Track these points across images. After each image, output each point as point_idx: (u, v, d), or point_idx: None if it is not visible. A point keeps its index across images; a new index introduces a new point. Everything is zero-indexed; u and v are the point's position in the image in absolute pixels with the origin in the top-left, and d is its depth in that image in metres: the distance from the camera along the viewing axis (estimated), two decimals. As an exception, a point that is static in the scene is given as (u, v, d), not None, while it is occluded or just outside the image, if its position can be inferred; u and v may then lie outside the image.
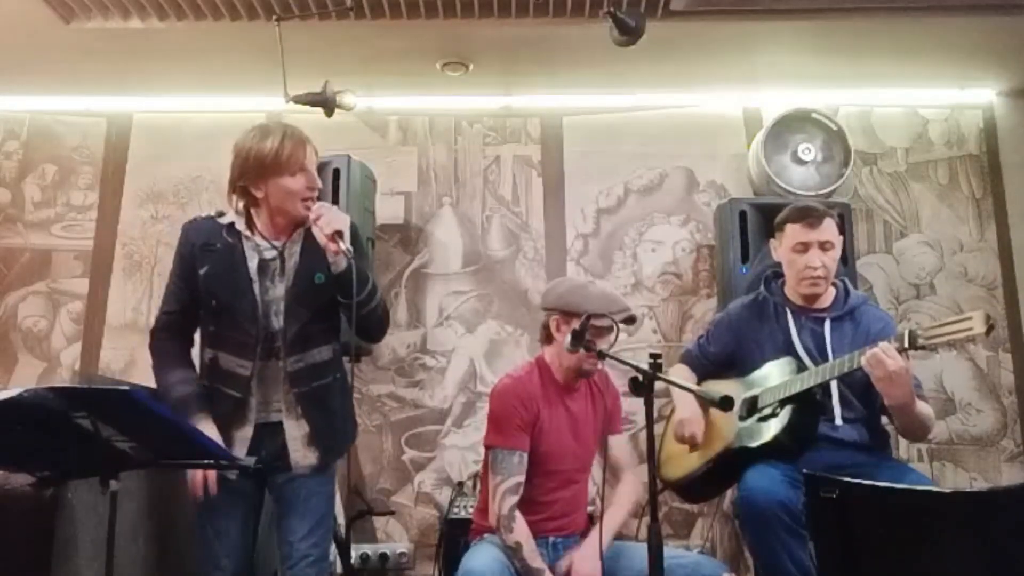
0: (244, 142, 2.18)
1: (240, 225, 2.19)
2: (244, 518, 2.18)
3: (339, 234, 2.05)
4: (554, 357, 2.46)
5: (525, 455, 2.34)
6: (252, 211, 2.21)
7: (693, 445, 2.57)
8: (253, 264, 2.17)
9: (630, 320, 2.38)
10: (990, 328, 2.07)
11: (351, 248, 2.07)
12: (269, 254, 2.19)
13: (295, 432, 2.15)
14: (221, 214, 2.24)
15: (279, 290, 2.18)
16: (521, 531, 2.27)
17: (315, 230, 2.08)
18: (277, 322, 2.17)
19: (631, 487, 2.50)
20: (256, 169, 2.14)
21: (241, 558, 2.16)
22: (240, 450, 2.14)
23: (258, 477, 2.19)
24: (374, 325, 2.23)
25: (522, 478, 2.32)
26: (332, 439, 2.21)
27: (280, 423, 2.17)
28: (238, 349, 2.16)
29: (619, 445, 2.57)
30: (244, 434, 2.15)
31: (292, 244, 2.20)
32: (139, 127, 4.04)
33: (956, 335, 2.13)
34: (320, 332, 2.22)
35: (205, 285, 2.17)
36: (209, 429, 2.08)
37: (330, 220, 2.07)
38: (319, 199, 2.19)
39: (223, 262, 2.17)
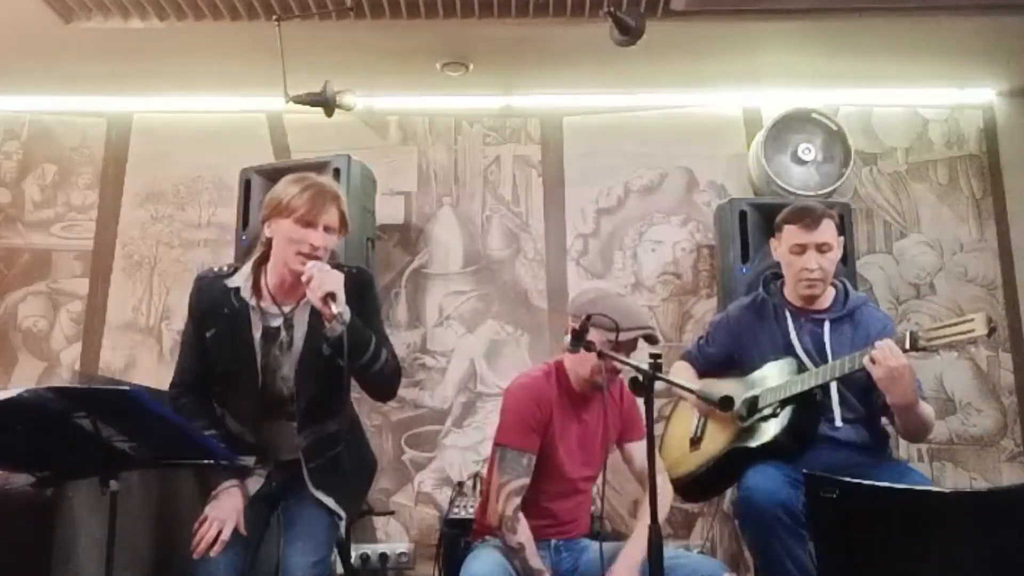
0: (279, 184, 2.18)
1: (245, 292, 2.14)
2: (244, 547, 2.13)
3: (331, 296, 1.95)
4: (572, 365, 2.43)
5: (533, 457, 2.32)
6: (265, 265, 2.17)
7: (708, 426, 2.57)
8: (257, 333, 2.14)
9: (651, 339, 2.34)
10: (992, 330, 2.07)
11: (344, 311, 1.95)
12: (275, 322, 2.15)
13: (325, 498, 2.16)
14: (234, 270, 2.20)
15: (286, 358, 2.15)
16: (524, 533, 2.26)
17: (308, 293, 2.00)
18: (287, 388, 2.16)
19: (662, 493, 2.46)
20: (272, 207, 2.12)
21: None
22: (252, 488, 2.17)
23: (266, 505, 2.19)
24: (381, 387, 2.18)
25: (527, 480, 2.30)
26: (350, 500, 2.23)
27: (292, 460, 2.18)
28: (240, 415, 2.17)
29: (641, 452, 2.48)
30: (255, 483, 2.19)
31: (300, 311, 2.15)
32: (139, 127, 4.05)
33: (958, 336, 2.12)
34: (331, 402, 2.21)
35: (210, 350, 2.16)
36: (231, 497, 2.08)
37: (321, 282, 1.96)
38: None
39: (228, 329, 2.14)
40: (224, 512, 2.04)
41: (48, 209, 3.99)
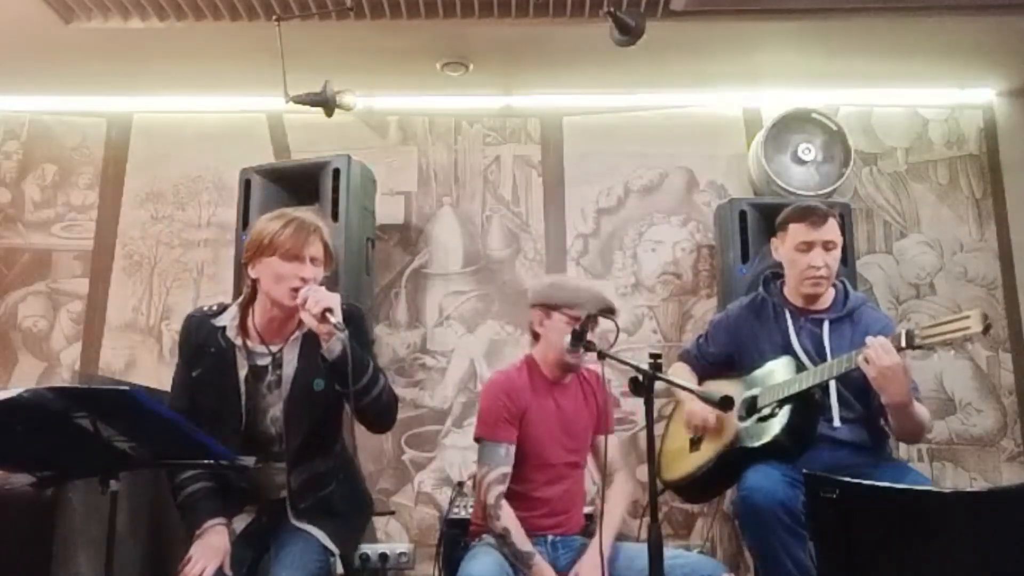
0: (257, 223, 2.17)
1: (231, 331, 2.14)
2: None
3: (329, 311, 1.95)
4: (540, 353, 2.48)
5: (512, 447, 2.36)
6: (252, 306, 2.16)
7: (704, 433, 2.57)
8: (243, 373, 2.13)
9: (608, 311, 2.39)
10: (987, 327, 2.06)
11: (343, 323, 1.95)
12: (263, 360, 2.14)
13: (318, 532, 2.13)
14: (223, 308, 2.20)
15: (275, 397, 2.14)
16: (508, 518, 2.28)
17: (304, 316, 1.98)
18: (276, 427, 2.15)
19: (621, 487, 2.50)
20: (254, 248, 2.11)
21: None
22: (238, 527, 2.15)
23: (256, 541, 2.17)
24: (379, 414, 2.14)
25: (508, 469, 2.34)
26: (344, 538, 2.20)
27: (277, 500, 2.17)
28: None
29: (610, 446, 2.54)
30: (242, 520, 2.17)
31: (288, 350, 2.14)
32: (139, 127, 4.04)
33: (953, 334, 2.12)
34: (322, 441, 2.19)
35: (195, 387, 2.15)
36: (217, 535, 2.05)
37: (317, 299, 1.96)
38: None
39: (213, 369, 2.13)
40: (209, 551, 2.02)
41: (48, 209, 3.99)
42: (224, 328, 2.15)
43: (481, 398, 2.47)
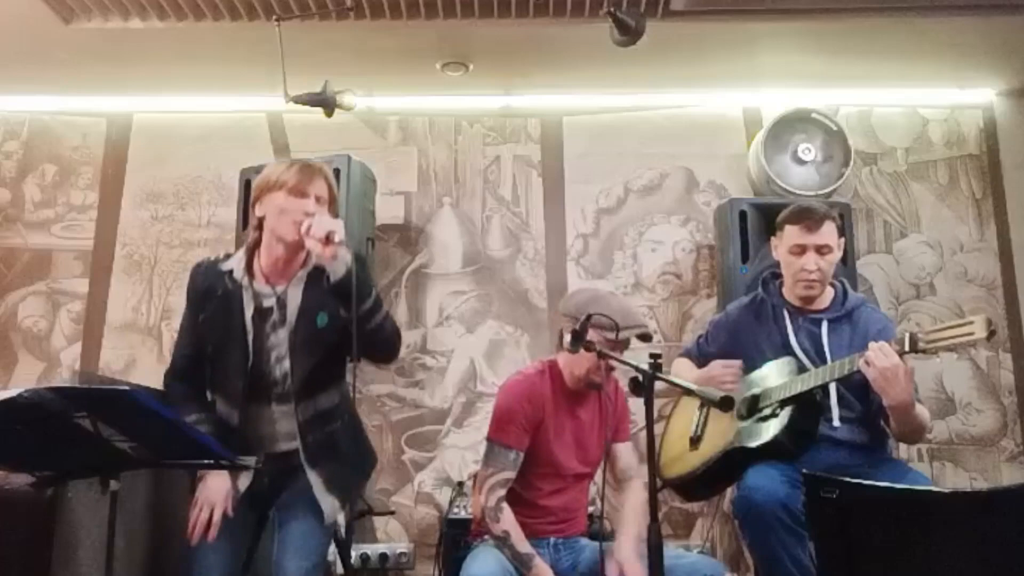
0: (264, 170, 2.23)
1: (238, 272, 2.18)
2: (235, 548, 2.12)
3: (332, 234, 1.99)
4: (567, 364, 2.46)
5: (522, 455, 2.35)
6: (258, 250, 2.20)
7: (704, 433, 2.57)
8: (249, 312, 2.16)
9: (645, 337, 2.36)
10: (991, 333, 2.06)
11: (344, 239, 2.00)
12: (267, 301, 2.18)
13: (316, 480, 2.14)
14: (228, 256, 2.25)
15: (280, 336, 2.17)
16: (508, 521, 2.28)
17: (308, 243, 2.01)
18: (280, 368, 2.17)
19: (638, 493, 2.46)
20: (261, 187, 2.17)
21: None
22: (243, 484, 2.15)
23: (259, 504, 2.18)
24: (382, 343, 2.16)
25: (512, 475, 2.33)
26: (346, 483, 2.20)
27: (282, 453, 2.18)
28: (227, 397, 2.18)
29: (626, 453, 2.56)
30: (246, 478, 2.17)
31: (293, 288, 2.18)
32: (139, 127, 4.05)
33: (957, 339, 2.11)
34: (327, 376, 2.22)
35: (202, 331, 2.19)
36: (218, 477, 2.08)
37: (320, 224, 2.00)
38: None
39: (220, 309, 2.17)
40: (213, 494, 2.05)
41: (48, 209, 3.99)
42: (231, 271, 2.19)
43: (500, 399, 2.44)
